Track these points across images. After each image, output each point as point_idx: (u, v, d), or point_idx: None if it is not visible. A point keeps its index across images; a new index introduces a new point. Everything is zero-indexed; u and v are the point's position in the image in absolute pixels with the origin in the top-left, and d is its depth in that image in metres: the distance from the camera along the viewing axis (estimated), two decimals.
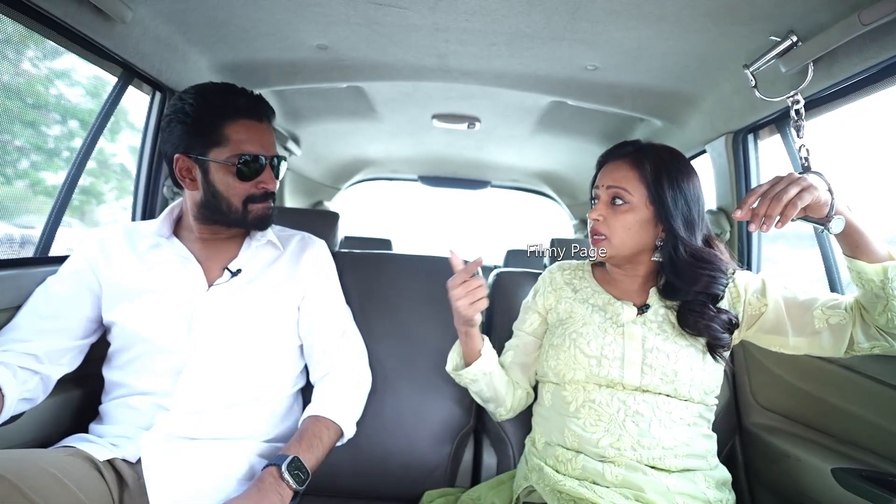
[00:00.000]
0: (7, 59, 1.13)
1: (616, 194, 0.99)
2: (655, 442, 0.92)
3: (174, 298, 1.02)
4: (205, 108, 0.98)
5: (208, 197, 1.01)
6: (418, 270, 1.46)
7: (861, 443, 1.06)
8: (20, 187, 1.44)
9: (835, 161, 1.27)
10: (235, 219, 1.04)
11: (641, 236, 1.00)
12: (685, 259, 0.96)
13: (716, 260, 0.96)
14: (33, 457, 0.82)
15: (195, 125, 0.98)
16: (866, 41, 0.92)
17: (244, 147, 0.99)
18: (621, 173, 1.00)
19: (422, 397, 1.30)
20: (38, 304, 0.99)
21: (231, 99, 1.00)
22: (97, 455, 0.90)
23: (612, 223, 1.00)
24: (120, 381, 1.00)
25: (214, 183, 1.00)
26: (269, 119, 1.06)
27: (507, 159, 2.83)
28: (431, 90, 1.78)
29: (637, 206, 0.98)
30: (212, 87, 1.02)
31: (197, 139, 0.98)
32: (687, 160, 1.03)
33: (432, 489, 1.21)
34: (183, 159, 1.00)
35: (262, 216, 1.05)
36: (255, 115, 1.02)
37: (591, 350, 0.99)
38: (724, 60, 1.22)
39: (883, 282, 0.83)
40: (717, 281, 0.96)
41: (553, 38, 1.21)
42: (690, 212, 0.98)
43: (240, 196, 1.02)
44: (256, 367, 1.06)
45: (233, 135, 0.98)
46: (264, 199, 1.05)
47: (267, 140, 1.04)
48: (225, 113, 0.99)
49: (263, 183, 1.03)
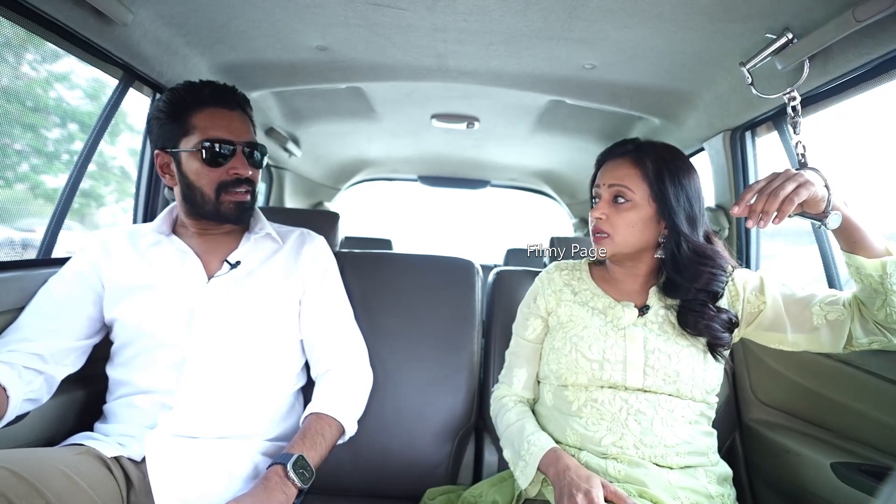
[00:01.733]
0: (8, 63, 1.14)
1: (618, 192, 0.99)
2: (657, 440, 0.93)
3: (174, 292, 1.03)
4: (174, 102, 1.03)
5: (184, 189, 1.04)
6: (419, 270, 1.47)
7: (860, 437, 1.07)
8: (22, 190, 1.45)
9: (834, 157, 1.28)
10: (211, 210, 1.04)
11: (644, 234, 1.00)
12: (688, 255, 0.96)
13: (717, 256, 0.97)
14: (46, 456, 0.83)
15: (167, 120, 1.02)
16: (861, 37, 0.92)
17: (209, 132, 1.01)
18: (623, 171, 1.00)
19: (423, 396, 1.31)
20: (42, 305, 1.00)
21: (197, 91, 1.04)
22: (105, 452, 0.91)
23: (615, 221, 1.00)
24: (123, 378, 1.01)
25: (187, 173, 1.03)
26: (241, 107, 1.07)
27: (507, 159, 2.84)
28: (430, 90, 1.79)
29: (640, 204, 0.98)
30: (183, 84, 1.06)
31: (169, 133, 1.02)
32: (686, 157, 1.03)
33: (434, 487, 1.21)
34: (161, 155, 1.04)
35: (235, 206, 1.04)
36: (221, 104, 1.04)
37: (593, 354, 0.99)
38: (721, 58, 1.22)
39: (882, 277, 0.83)
40: (718, 277, 0.96)
41: (550, 37, 1.22)
42: (692, 208, 0.98)
43: (211, 183, 1.02)
44: (258, 361, 1.06)
45: (199, 122, 1.01)
46: (237, 186, 1.04)
47: (236, 126, 1.04)
48: (191, 103, 1.02)
49: (234, 168, 1.03)
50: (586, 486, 0.82)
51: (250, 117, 1.11)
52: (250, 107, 1.11)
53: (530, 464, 0.94)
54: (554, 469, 0.89)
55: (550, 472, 0.90)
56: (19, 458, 0.78)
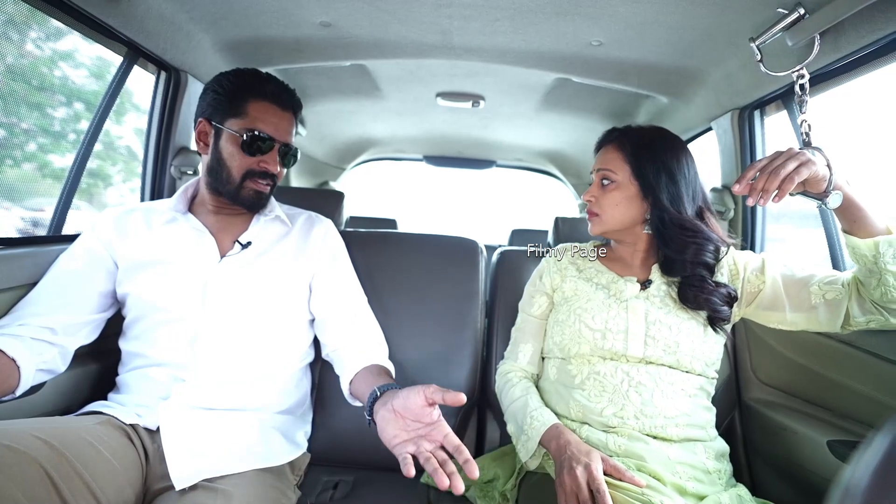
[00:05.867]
0: (12, 41, 1.14)
1: (604, 176, 1.07)
2: (657, 411, 0.95)
3: (188, 268, 1.05)
4: (237, 83, 1.06)
5: (213, 162, 1.07)
6: (423, 249, 1.48)
7: (857, 416, 1.08)
8: (30, 170, 1.46)
9: (843, 136, 1.26)
10: (230, 190, 1.07)
11: (630, 210, 1.05)
12: (672, 229, 1.01)
13: (699, 230, 1.00)
14: (71, 425, 0.86)
15: (225, 96, 1.05)
16: (874, 12, 0.90)
17: (258, 124, 1.04)
18: (608, 156, 1.07)
19: (426, 372, 1.33)
20: (53, 281, 1.02)
21: (261, 82, 1.07)
22: (124, 418, 0.94)
23: (602, 202, 1.07)
24: (137, 351, 1.04)
25: (221, 150, 1.06)
26: (293, 110, 1.11)
27: (512, 138, 2.81)
28: (435, 68, 1.77)
29: (623, 184, 1.04)
30: (249, 70, 1.09)
31: (221, 108, 1.05)
32: (675, 137, 1.07)
33: None
34: (204, 123, 1.08)
35: (255, 194, 1.08)
36: (278, 102, 1.07)
37: (596, 324, 1.02)
38: (731, 34, 1.20)
39: (875, 256, 0.84)
40: (705, 248, 1.00)
41: (557, 13, 1.20)
42: (676, 185, 1.02)
43: (239, 168, 1.06)
44: (267, 337, 1.09)
45: (252, 111, 1.05)
46: (262, 177, 1.08)
47: (283, 127, 1.08)
48: (252, 91, 1.06)
49: (265, 162, 1.07)
50: (586, 460, 0.85)
51: (299, 121, 1.15)
52: (301, 110, 1.15)
53: (532, 438, 0.97)
54: (556, 443, 0.92)
55: (552, 447, 0.93)
56: (49, 427, 0.82)
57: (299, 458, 1.11)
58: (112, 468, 0.84)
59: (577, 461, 0.85)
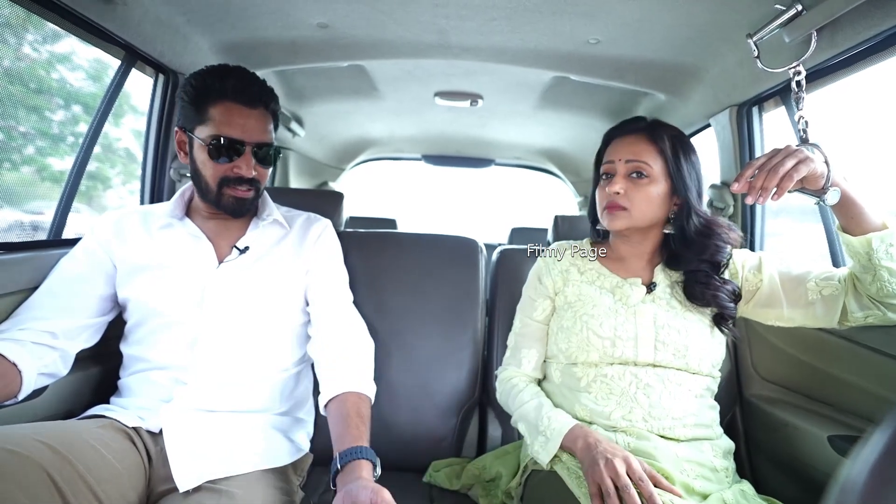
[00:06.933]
0: (9, 45, 1.14)
1: (637, 168, 1.00)
2: (665, 412, 0.95)
3: (186, 274, 1.05)
4: (198, 87, 1.01)
5: (192, 172, 1.06)
6: (423, 249, 1.48)
7: (858, 411, 1.08)
8: (29, 173, 1.46)
9: (840, 132, 1.26)
10: (211, 199, 1.05)
11: (661, 208, 1.02)
12: (697, 229, 1.00)
13: (723, 229, 1.00)
14: (73, 429, 0.86)
15: (190, 103, 1.01)
16: (871, 8, 0.90)
17: (222, 129, 0.99)
18: (640, 147, 1.01)
19: (428, 372, 1.34)
20: (54, 285, 1.02)
21: (220, 80, 1.00)
22: (126, 421, 0.94)
23: (633, 195, 1.00)
24: (138, 355, 1.04)
25: (195, 160, 1.04)
26: (262, 103, 1.03)
27: (511, 137, 2.81)
28: (433, 67, 1.77)
29: (657, 179, 1.00)
30: (212, 68, 1.03)
31: (190, 116, 1.02)
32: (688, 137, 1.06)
33: (439, 459, 1.25)
34: (180, 133, 1.06)
35: (233, 202, 1.04)
36: (243, 99, 1.00)
37: (605, 332, 1.00)
38: (728, 31, 1.20)
39: (868, 252, 0.85)
40: (722, 249, 1.00)
41: (553, 11, 1.20)
42: (700, 185, 1.02)
43: (213, 177, 1.02)
44: (266, 341, 1.09)
45: (216, 115, 1.00)
46: (239, 184, 1.03)
47: (251, 125, 1.01)
48: (211, 94, 1.00)
49: (238, 168, 1.01)
50: (623, 454, 0.83)
51: (273, 112, 1.07)
52: (276, 101, 1.07)
53: (552, 439, 0.94)
54: (583, 441, 0.89)
55: (579, 445, 0.89)
56: (51, 431, 0.82)
57: (302, 458, 1.11)
58: (115, 471, 0.84)
59: (612, 454, 0.83)
